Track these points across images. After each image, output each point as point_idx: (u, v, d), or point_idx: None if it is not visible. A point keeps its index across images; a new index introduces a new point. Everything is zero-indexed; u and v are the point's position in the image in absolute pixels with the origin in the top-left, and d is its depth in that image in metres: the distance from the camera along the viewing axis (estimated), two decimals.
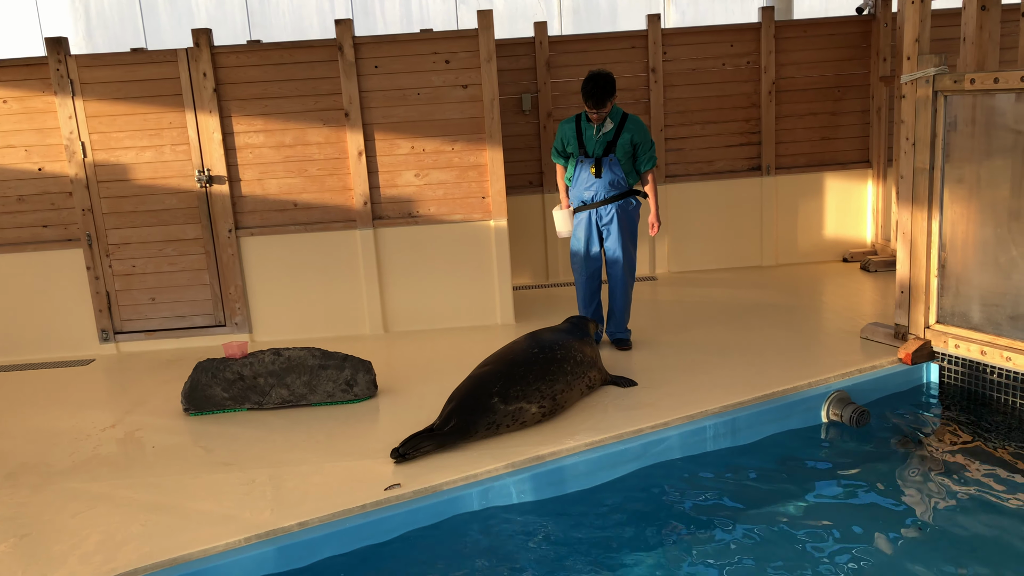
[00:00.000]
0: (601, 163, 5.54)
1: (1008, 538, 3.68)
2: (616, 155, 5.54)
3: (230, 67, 6.31)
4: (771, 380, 5.01)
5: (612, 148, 5.54)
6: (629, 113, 5.65)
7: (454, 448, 4.38)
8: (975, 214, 4.94)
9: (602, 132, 5.53)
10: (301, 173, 6.48)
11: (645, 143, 5.59)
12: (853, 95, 7.83)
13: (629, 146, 5.55)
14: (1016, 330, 4.80)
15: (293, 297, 6.61)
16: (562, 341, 4.94)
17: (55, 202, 6.44)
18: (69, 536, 3.83)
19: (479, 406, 4.44)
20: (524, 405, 4.53)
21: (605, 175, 5.56)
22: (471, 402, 4.46)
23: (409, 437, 4.38)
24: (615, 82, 5.44)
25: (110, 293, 6.55)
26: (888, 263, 7.36)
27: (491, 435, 4.48)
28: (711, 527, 3.87)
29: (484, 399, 4.47)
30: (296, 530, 3.79)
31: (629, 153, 5.58)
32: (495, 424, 4.46)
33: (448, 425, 4.39)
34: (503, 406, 4.47)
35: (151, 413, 5.29)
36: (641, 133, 5.57)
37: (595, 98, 5.36)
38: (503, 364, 4.69)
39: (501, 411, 4.47)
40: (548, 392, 4.63)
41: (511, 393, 4.50)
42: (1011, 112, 4.67)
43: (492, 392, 4.49)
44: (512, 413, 4.49)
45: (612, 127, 5.53)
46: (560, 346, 4.88)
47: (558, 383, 4.70)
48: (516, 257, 7.51)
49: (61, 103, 6.24)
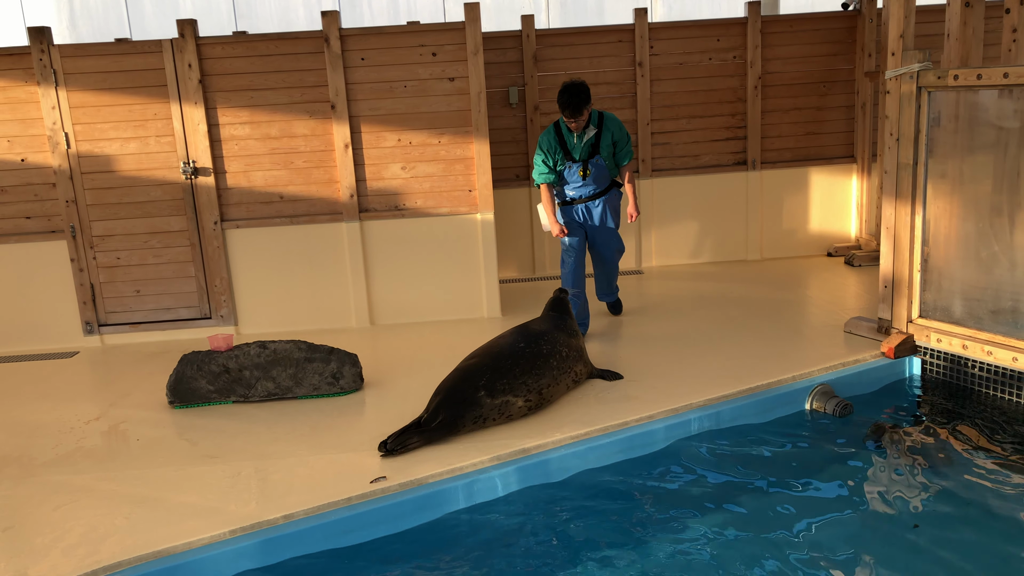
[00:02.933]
0: (588, 165, 5.77)
1: (988, 530, 3.73)
2: (601, 156, 5.79)
3: (216, 58, 6.27)
4: (755, 373, 5.04)
5: (597, 150, 5.77)
6: (603, 111, 5.84)
7: (441, 443, 4.39)
8: (957, 209, 4.98)
9: (586, 138, 5.73)
10: (287, 165, 6.45)
11: (623, 139, 5.85)
12: (838, 90, 7.87)
13: (610, 145, 5.81)
14: (997, 324, 4.85)
15: (279, 290, 6.60)
16: (548, 335, 4.95)
17: (38, 193, 6.40)
18: (52, 529, 3.81)
19: (466, 399, 4.46)
20: (510, 399, 4.55)
21: (593, 174, 5.81)
22: (458, 395, 4.48)
23: (397, 432, 4.39)
24: (589, 89, 5.57)
25: (94, 285, 6.51)
26: (872, 258, 7.42)
27: (478, 428, 4.50)
28: (695, 519, 3.90)
29: (470, 392, 4.48)
30: (281, 523, 3.79)
31: (611, 150, 5.84)
32: (481, 417, 4.48)
33: (436, 420, 4.41)
34: (489, 399, 4.49)
35: (136, 406, 5.27)
36: (619, 131, 5.83)
37: (572, 107, 5.51)
38: (489, 358, 4.70)
39: (487, 404, 4.48)
40: (535, 386, 4.65)
41: (497, 387, 4.52)
42: (994, 108, 4.71)
43: (479, 385, 4.50)
44: (498, 407, 4.51)
45: (593, 132, 5.74)
46: (546, 340, 4.89)
47: (544, 377, 4.72)
48: (502, 250, 7.52)
49: (44, 93, 6.19)
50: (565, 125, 5.72)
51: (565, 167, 5.80)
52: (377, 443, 4.38)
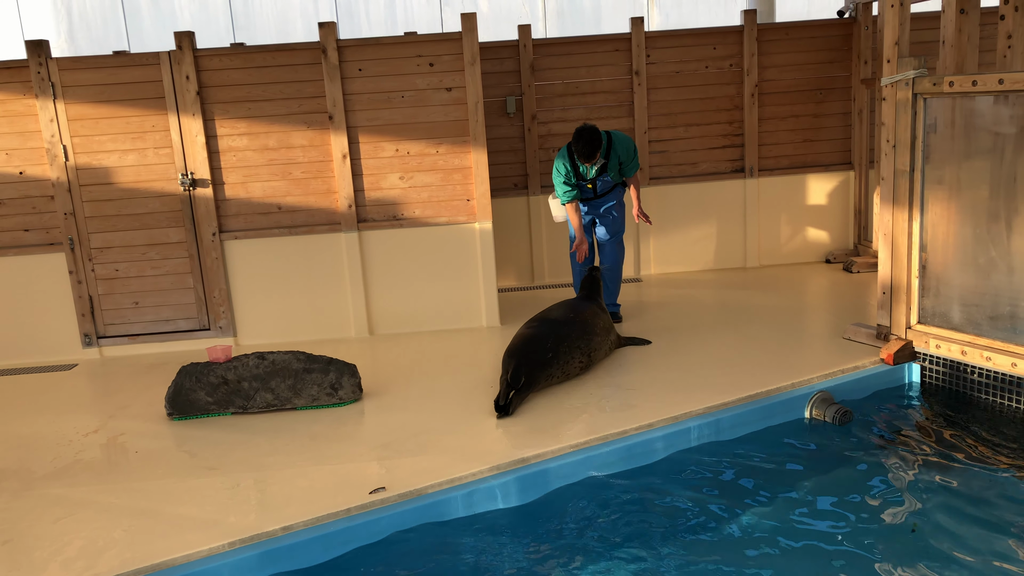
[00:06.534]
0: (596, 182, 6.27)
1: (988, 536, 3.72)
2: (609, 175, 6.24)
3: (213, 70, 6.29)
4: (754, 381, 5.04)
5: (604, 170, 6.22)
6: (611, 133, 6.17)
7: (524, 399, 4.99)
8: (955, 215, 4.99)
9: (596, 167, 6.17)
10: (285, 176, 6.46)
11: (629, 156, 6.23)
12: (835, 97, 7.89)
13: (618, 164, 6.22)
14: (996, 330, 4.85)
15: (278, 300, 6.59)
16: (590, 307, 5.75)
17: (37, 206, 6.40)
18: (50, 542, 3.80)
19: (540, 362, 5.10)
20: (571, 359, 5.27)
21: (599, 188, 6.31)
22: (533, 358, 5.10)
23: (501, 396, 4.90)
24: (600, 135, 5.95)
25: (93, 297, 6.51)
26: (870, 264, 7.42)
27: (547, 386, 5.15)
28: (694, 528, 3.89)
29: (542, 355, 5.14)
30: (280, 534, 3.78)
31: (618, 168, 6.25)
32: (552, 376, 5.16)
33: (520, 381, 4.98)
34: (556, 360, 5.18)
35: (134, 418, 5.26)
36: (626, 151, 6.21)
37: (587, 155, 5.95)
38: (549, 325, 5.41)
39: (556, 364, 5.17)
40: (586, 348, 5.39)
41: (561, 349, 5.22)
42: (989, 114, 4.72)
43: (547, 347, 5.18)
44: (562, 367, 5.21)
45: (603, 161, 6.15)
46: (590, 311, 5.68)
47: (592, 342, 5.47)
48: (501, 259, 7.52)
49: (42, 106, 6.20)
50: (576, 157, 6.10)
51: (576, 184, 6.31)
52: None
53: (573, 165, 6.14)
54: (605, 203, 6.36)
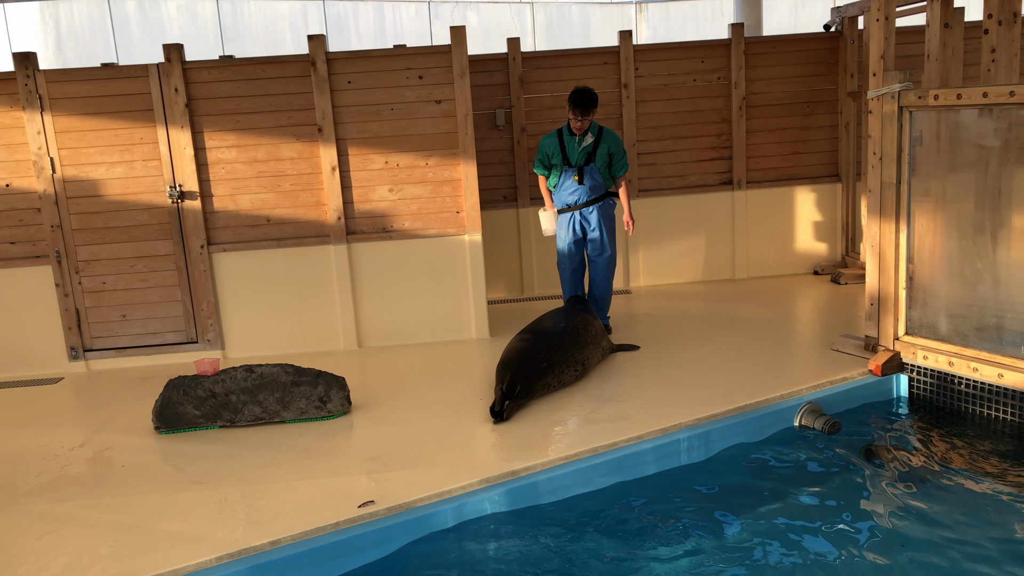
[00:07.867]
0: (583, 171, 6.18)
1: (975, 547, 3.73)
2: (596, 164, 6.18)
3: (202, 82, 6.28)
4: (743, 393, 5.05)
5: (592, 158, 6.17)
6: (604, 126, 6.23)
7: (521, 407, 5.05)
8: (941, 227, 5.03)
9: (583, 145, 6.13)
10: (274, 188, 6.45)
11: (619, 152, 6.25)
12: (822, 110, 7.95)
13: (606, 155, 6.20)
14: (982, 341, 4.88)
15: (266, 313, 6.57)
16: (580, 317, 5.80)
17: (23, 218, 6.37)
18: (35, 558, 3.76)
19: (534, 371, 5.15)
20: (565, 369, 5.32)
21: (587, 181, 6.19)
22: (527, 368, 5.14)
23: (497, 402, 4.93)
24: (598, 97, 6.06)
25: (80, 310, 6.47)
26: (858, 276, 7.46)
27: (542, 396, 5.17)
28: (684, 540, 3.89)
29: (536, 364, 5.18)
30: (268, 548, 3.75)
31: (606, 161, 6.23)
32: (548, 385, 5.21)
33: (516, 390, 5.01)
34: (551, 369, 5.23)
35: (121, 432, 5.22)
36: (616, 144, 6.23)
37: (582, 106, 5.94)
38: (543, 336, 5.45)
39: (551, 373, 5.22)
40: (580, 357, 5.45)
41: (555, 359, 5.29)
42: (974, 127, 4.77)
43: (541, 358, 5.22)
44: (557, 375, 5.27)
45: (591, 140, 6.15)
46: (580, 320, 5.73)
47: (585, 350, 5.53)
48: (491, 271, 7.53)
49: (29, 118, 6.18)
50: (567, 130, 6.15)
51: (562, 171, 6.20)
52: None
53: (561, 144, 6.15)
54: (593, 214, 6.20)
